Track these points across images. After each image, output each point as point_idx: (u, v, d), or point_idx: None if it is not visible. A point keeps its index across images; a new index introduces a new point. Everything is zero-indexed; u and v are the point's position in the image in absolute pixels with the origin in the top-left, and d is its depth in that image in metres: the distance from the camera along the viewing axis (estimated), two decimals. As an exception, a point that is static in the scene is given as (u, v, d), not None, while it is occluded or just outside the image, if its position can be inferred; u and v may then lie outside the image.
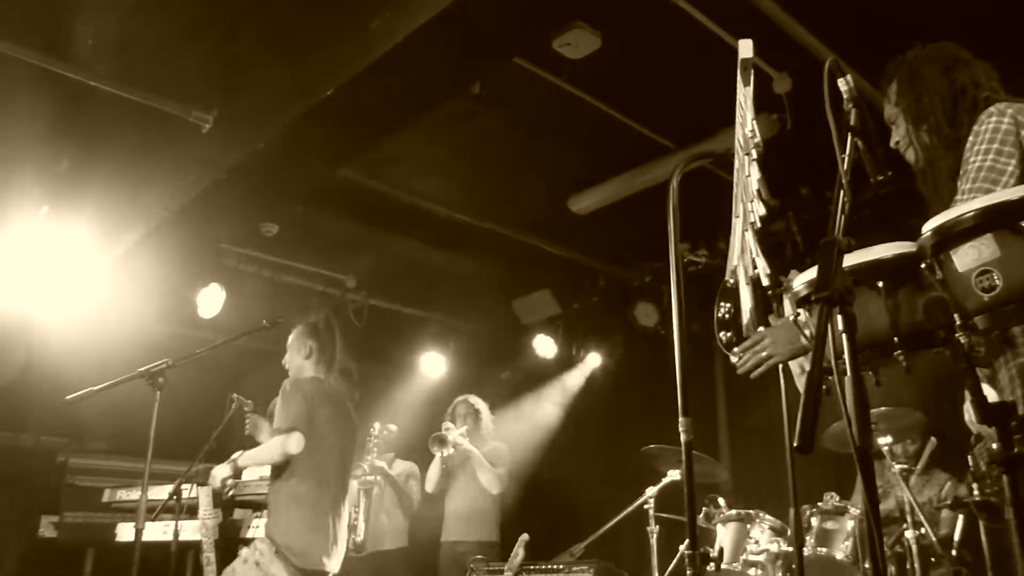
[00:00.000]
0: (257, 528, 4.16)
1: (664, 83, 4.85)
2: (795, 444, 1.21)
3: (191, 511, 4.07)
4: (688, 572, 1.63)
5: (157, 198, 5.00)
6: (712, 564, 1.67)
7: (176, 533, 3.92)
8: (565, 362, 7.53)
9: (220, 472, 3.87)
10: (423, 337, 7.70)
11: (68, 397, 3.71)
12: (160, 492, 4.01)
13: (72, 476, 5.30)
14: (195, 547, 4.11)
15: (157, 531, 4.09)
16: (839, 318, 1.42)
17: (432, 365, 7.65)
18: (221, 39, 4.28)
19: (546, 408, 7.43)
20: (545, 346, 7.44)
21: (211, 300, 6.14)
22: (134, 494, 4.39)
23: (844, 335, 1.39)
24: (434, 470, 5.61)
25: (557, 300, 7.42)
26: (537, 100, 4.80)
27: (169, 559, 3.92)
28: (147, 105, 4.45)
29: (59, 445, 5.80)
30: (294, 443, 3.77)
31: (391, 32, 3.50)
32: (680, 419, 1.76)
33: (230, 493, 4.15)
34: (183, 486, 3.98)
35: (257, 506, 4.32)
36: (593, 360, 7.39)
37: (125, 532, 4.45)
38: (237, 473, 3.96)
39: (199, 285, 6.14)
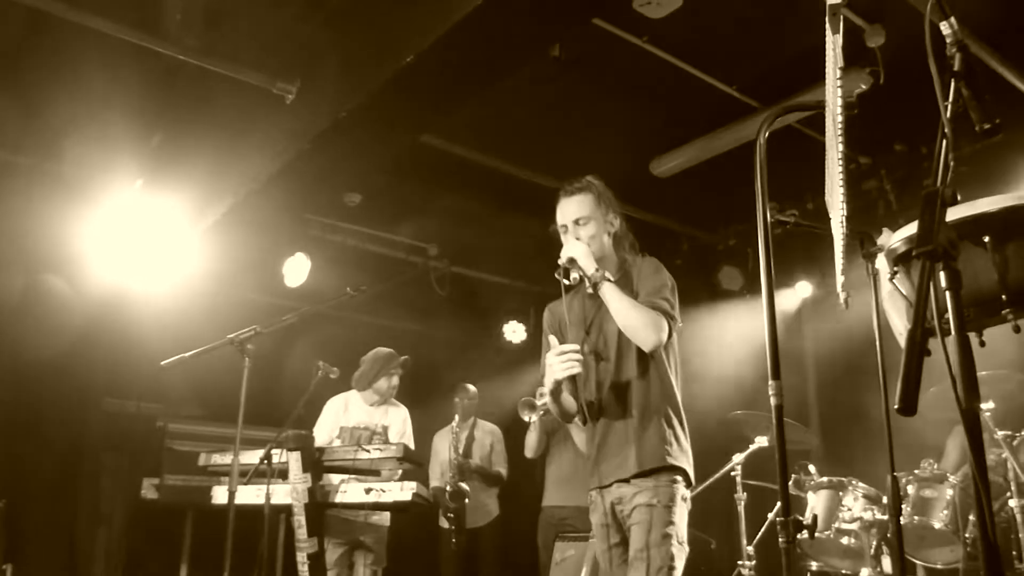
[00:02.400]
0: (346, 493, 4.24)
1: (748, 41, 4.70)
2: (897, 406, 1.14)
3: (282, 475, 4.19)
4: (780, 540, 1.58)
5: (244, 170, 5.10)
6: (806, 532, 1.62)
7: (268, 496, 4.03)
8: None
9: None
10: (506, 303, 7.73)
11: (163, 363, 3.85)
12: (252, 457, 4.12)
13: (171, 440, 5.51)
14: (286, 510, 4.23)
15: (250, 494, 4.21)
16: (942, 274, 1.34)
17: (515, 330, 7.68)
18: (302, 10, 4.32)
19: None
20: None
21: (297, 269, 6.28)
22: (228, 458, 4.52)
23: (948, 292, 1.32)
24: (531, 437, 5.62)
25: (640, 265, 7.33)
26: (618, 61, 4.71)
27: (262, 521, 4.05)
28: (233, 78, 4.54)
29: (157, 411, 6.05)
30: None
31: (470, -5, 3.47)
32: (770, 382, 1.70)
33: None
34: (274, 451, 4.09)
35: (345, 471, 4.40)
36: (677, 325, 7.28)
37: (220, 495, 4.60)
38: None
39: (285, 255, 6.28)
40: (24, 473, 5.60)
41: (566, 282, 2.97)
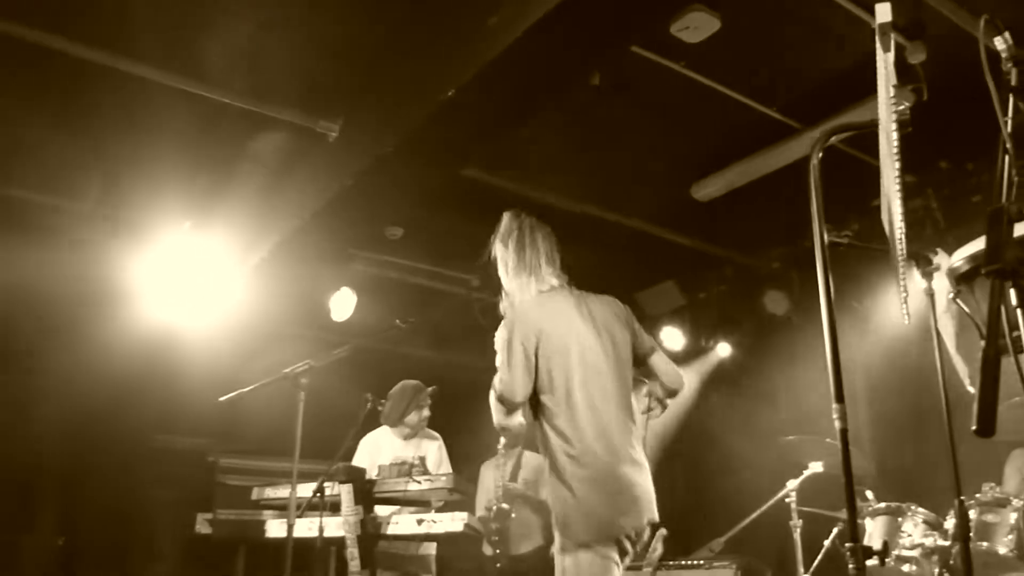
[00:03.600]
0: (397, 525, 4.24)
1: (786, 61, 4.68)
2: (974, 427, 1.12)
3: (334, 508, 4.20)
4: (850, 567, 1.55)
5: (289, 207, 5.19)
6: (876, 558, 1.58)
7: (321, 529, 4.04)
8: (693, 353, 7.38)
9: None
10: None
11: (221, 398, 3.89)
12: (304, 490, 4.14)
13: (222, 475, 5.56)
14: (338, 543, 4.24)
15: (302, 527, 4.22)
16: (1011, 292, 1.31)
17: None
18: (343, 48, 4.40)
19: (676, 401, 7.30)
20: (672, 338, 7.32)
21: (343, 304, 6.34)
22: (280, 492, 4.56)
23: (1019, 310, 1.29)
24: None
25: (682, 291, 7.29)
26: (656, 87, 4.72)
27: (314, 554, 4.05)
28: (277, 118, 4.63)
29: (207, 446, 6.12)
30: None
31: (509, 28, 3.51)
32: (834, 405, 1.67)
33: None
34: (326, 484, 4.11)
35: (396, 502, 4.41)
36: (722, 350, 7.22)
37: (273, 528, 4.63)
38: None
39: (331, 290, 6.35)
40: (80, 511, 5.70)
41: None
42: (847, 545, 1.58)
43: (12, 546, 5.56)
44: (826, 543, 4.65)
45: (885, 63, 1.80)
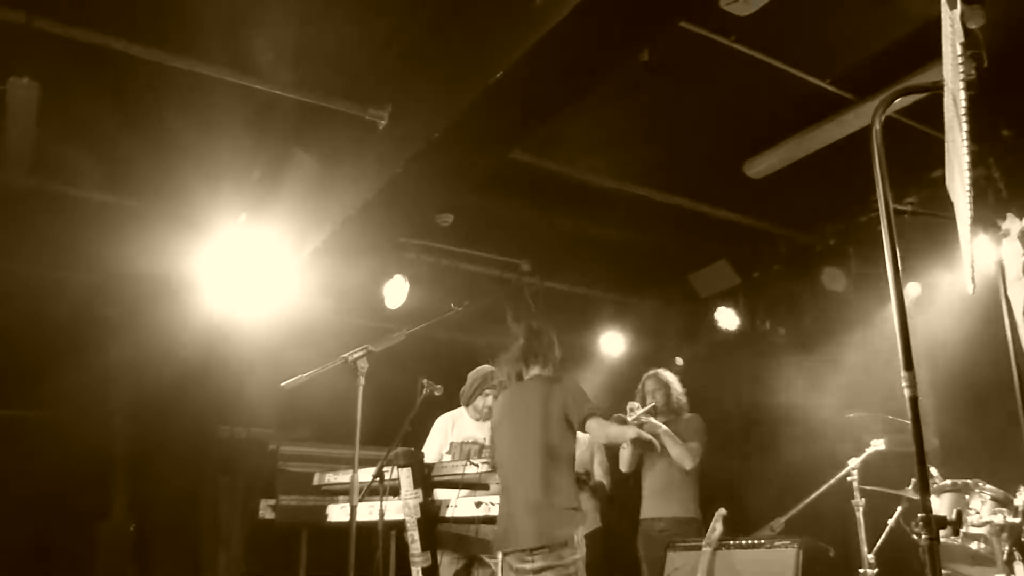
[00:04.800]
0: (456, 508, 4.28)
1: (840, 32, 4.58)
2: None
3: (393, 492, 4.25)
4: (924, 537, 1.52)
5: (341, 197, 5.23)
6: (949, 529, 1.55)
7: (382, 513, 4.09)
8: (749, 334, 7.30)
9: None
10: (601, 317, 7.69)
11: (283, 384, 3.95)
12: (363, 475, 4.19)
13: (284, 463, 5.67)
14: (398, 526, 4.28)
15: (363, 511, 4.27)
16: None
17: (611, 344, 7.63)
18: (389, 36, 4.41)
19: (732, 380, 7.24)
20: (727, 318, 7.24)
21: (396, 291, 6.40)
22: (341, 477, 4.63)
23: (1098, 270, 1.25)
24: (624, 451, 5.57)
25: (736, 270, 7.20)
26: (707, 63, 4.65)
27: (373, 538, 4.11)
28: (326, 108, 4.67)
29: (268, 435, 6.24)
30: None
31: (555, 8, 3.47)
32: (903, 373, 1.63)
33: None
34: (385, 468, 4.16)
35: (456, 485, 4.44)
36: (779, 329, 7.12)
37: (335, 513, 4.70)
38: None
39: (384, 278, 6.41)
40: (150, 500, 5.86)
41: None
42: (919, 515, 1.55)
43: (89, 532, 5.77)
44: (890, 522, 4.57)
45: (951, 20, 1.75)
